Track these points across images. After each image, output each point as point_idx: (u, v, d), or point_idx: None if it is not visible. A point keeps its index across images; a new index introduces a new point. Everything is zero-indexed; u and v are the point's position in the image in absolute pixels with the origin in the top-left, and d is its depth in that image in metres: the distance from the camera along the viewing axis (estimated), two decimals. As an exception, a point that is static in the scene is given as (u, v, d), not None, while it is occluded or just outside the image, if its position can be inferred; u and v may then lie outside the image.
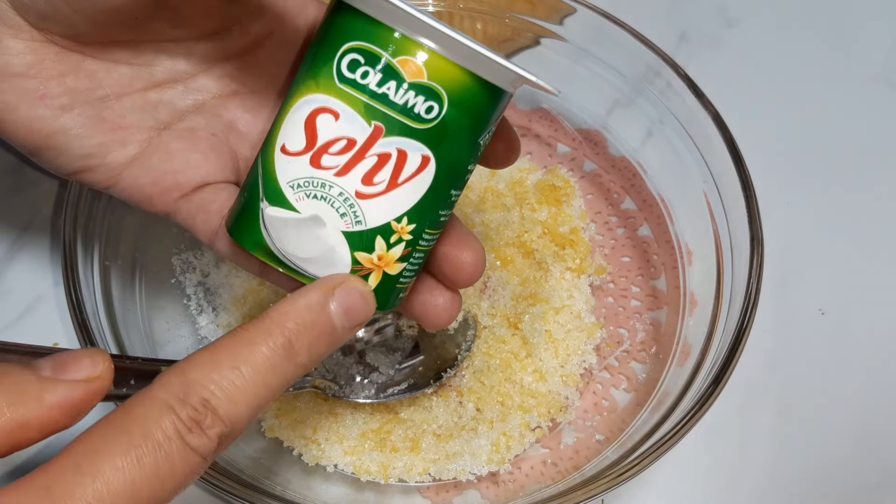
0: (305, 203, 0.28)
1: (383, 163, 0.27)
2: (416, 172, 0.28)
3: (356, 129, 0.27)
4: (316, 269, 0.29)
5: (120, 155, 0.31)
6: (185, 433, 0.24)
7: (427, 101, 0.27)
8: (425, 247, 0.30)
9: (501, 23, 0.50)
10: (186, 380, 0.25)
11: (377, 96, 0.27)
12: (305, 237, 0.28)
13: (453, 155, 0.28)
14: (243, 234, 0.30)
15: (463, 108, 0.27)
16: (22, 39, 0.28)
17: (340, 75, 0.27)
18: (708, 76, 0.47)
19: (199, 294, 0.48)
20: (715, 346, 0.41)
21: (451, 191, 0.29)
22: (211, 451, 0.24)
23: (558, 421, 0.46)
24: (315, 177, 0.28)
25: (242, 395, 0.25)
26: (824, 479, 0.46)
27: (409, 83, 0.26)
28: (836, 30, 0.61)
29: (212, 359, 0.25)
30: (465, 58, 0.26)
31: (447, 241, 0.33)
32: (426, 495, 0.44)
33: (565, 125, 0.52)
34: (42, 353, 0.32)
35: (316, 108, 0.27)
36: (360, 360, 0.45)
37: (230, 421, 0.25)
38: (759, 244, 0.41)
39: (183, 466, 0.24)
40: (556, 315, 0.47)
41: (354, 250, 0.28)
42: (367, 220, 0.28)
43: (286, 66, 0.33)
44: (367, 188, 0.27)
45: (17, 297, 0.49)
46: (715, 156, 0.44)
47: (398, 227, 0.28)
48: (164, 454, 0.23)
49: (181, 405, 0.24)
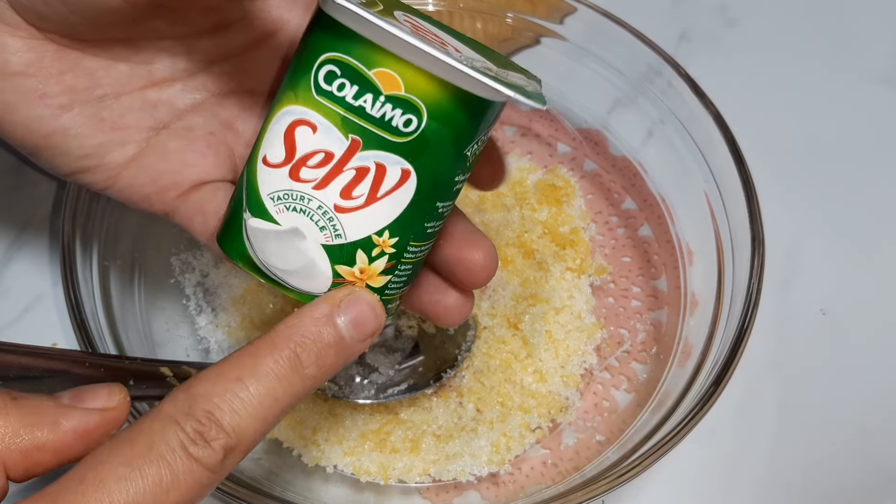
0: (285, 216, 0.28)
1: (361, 176, 0.27)
2: (396, 186, 0.27)
3: (333, 142, 0.27)
4: (297, 281, 0.29)
5: (118, 155, 0.31)
6: (189, 445, 0.24)
7: (405, 114, 0.26)
8: (412, 259, 0.29)
9: (502, 22, 0.50)
10: (191, 394, 0.25)
11: (354, 109, 0.26)
12: (286, 249, 0.28)
13: (436, 168, 0.27)
14: (229, 244, 0.30)
15: (444, 121, 0.26)
16: (20, 38, 0.28)
17: (318, 87, 0.26)
18: (709, 76, 0.47)
19: (198, 294, 0.48)
20: (716, 346, 0.41)
21: (436, 203, 0.28)
22: (215, 462, 0.24)
23: (559, 421, 0.46)
24: (294, 189, 0.27)
25: (246, 406, 0.25)
26: (825, 480, 0.46)
27: (385, 96, 0.26)
28: (837, 29, 0.61)
29: (217, 374, 0.25)
30: (442, 69, 0.25)
31: (457, 243, 0.33)
32: (426, 496, 0.44)
33: (566, 125, 0.52)
34: (41, 353, 0.32)
35: (294, 119, 0.27)
36: (359, 361, 0.45)
37: (235, 433, 0.25)
38: (761, 244, 0.41)
39: (187, 477, 0.24)
40: (557, 315, 0.47)
41: (335, 263, 0.28)
42: (346, 234, 0.28)
43: (286, 66, 0.33)
44: (346, 202, 0.27)
45: (16, 297, 0.49)
46: (716, 155, 0.44)
47: (379, 240, 0.28)
48: (167, 465, 0.24)
49: (186, 418, 0.24)
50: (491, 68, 0.27)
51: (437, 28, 0.29)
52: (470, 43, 0.30)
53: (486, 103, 0.27)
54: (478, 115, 0.27)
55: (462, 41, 0.29)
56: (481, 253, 0.33)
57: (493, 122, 0.28)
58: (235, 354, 0.26)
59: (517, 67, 0.30)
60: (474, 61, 0.27)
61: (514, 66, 0.30)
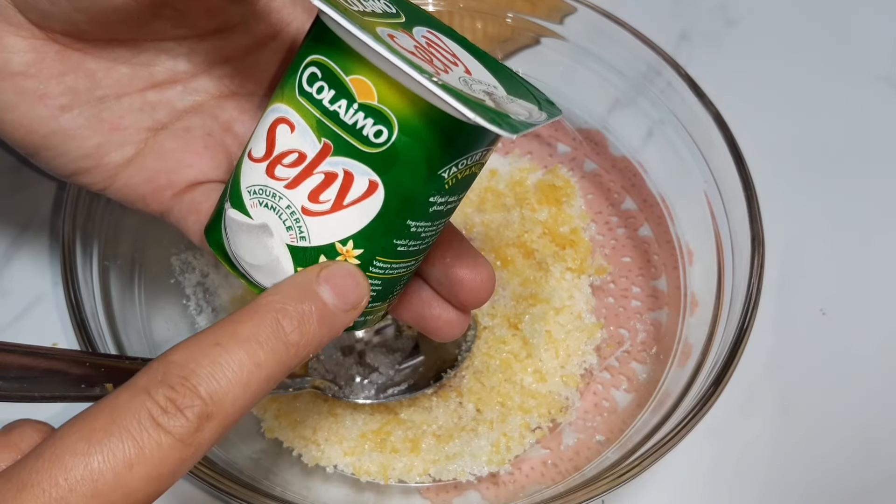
0: (258, 210, 0.28)
1: (329, 182, 0.26)
2: (362, 197, 0.26)
3: (307, 144, 0.26)
4: (261, 277, 0.29)
5: (117, 156, 0.31)
6: (159, 415, 0.23)
7: (376, 125, 0.25)
8: (382, 275, 0.29)
9: (502, 22, 0.50)
10: (167, 361, 0.24)
11: (329, 113, 0.26)
12: (254, 243, 0.28)
13: (406, 185, 0.26)
14: (210, 231, 0.30)
15: (415, 137, 0.25)
16: (23, 37, 0.28)
17: (300, 87, 0.26)
18: (709, 76, 0.47)
19: (198, 294, 0.48)
20: (716, 346, 0.41)
21: (407, 221, 0.27)
22: (188, 432, 0.23)
23: (559, 421, 0.46)
24: (268, 185, 0.27)
25: (225, 371, 0.24)
26: (825, 480, 0.46)
27: (359, 104, 0.25)
28: (838, 29, 0.61)
29: (195, 340, 0.24)
30: (412, 83, 0.24)
31: (457, 264, 0.33)
32: (426, 496, 0.44)
33: (566, 125, 0.52)
34: (41, 353, 0.32)
35: (278, 117, 0.27)
36: (359, 361, 0.45)
37: (212, 399, 0.23)
38: (760, 244, 0.41)
39: (155, 451, 0.22)
40: (557, 315, 0.47)
41: (298, 265, 0.28)
42: (310, 238, 0.27)
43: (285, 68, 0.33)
44: (313, 205, 0.27)
45: (16, 297, 0.49)
46: (716, 155, 0.44)
47: (343, 249, 0.27)
48: (131, 437, 0.22)
49: (158, 386, 0.23)
50: (492, 93, 0.26)
51: (463, 47, 0.29)
52: (491, 65, 0.29)
53: (460, 125, 0.25)
54: (453, 136, 0.26)
55: (484, 62, 0.29)
56: (480, 275, 0.33)
57: (480, 149, 0.27)
58: (215, 324, 0.25)
59: (532, 96, 0.29)
60: (473, 83, 0.26)
61: (529, 94, 0.29)
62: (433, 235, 0.29)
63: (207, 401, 0.23)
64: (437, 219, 0.28)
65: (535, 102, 0.28)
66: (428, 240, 0.29)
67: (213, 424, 0.24)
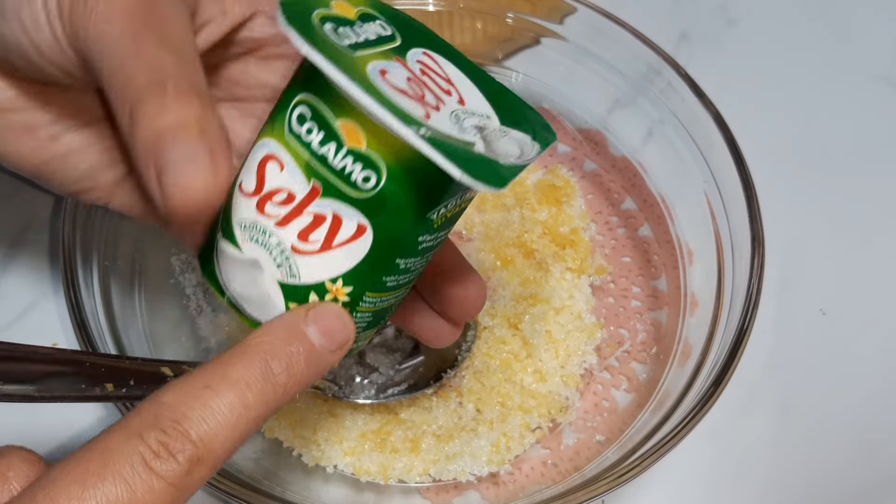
0: (249, 245, 0.28)
1: (318, 223, 0.26)
2: (351, 239, 0.26)
3: (297, 184, 0.26)
4: (253, 310, 0.29)
5: (111, 175, 0.31)
6: (151, 459, 0.23)
7: (364, 170, 0.25)
8: (372, 308, 0.29)
9: (502, 22, 0.50)
10: (158, 402, 0.24)
11: (317, 156, 0.26)
12: (246, 278, 0.28)
13: (395, 228, 0.26)
14: (204, 260, 0.30)
15: (403, 184, 0.25)
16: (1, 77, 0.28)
17: (290, 126, 0.26)
18: (709, 76, 0.47)
19: (198, 294, 0.48)
20: (716, 346, 0.41)
21: (396, 260, 0.27)
22: (179, 476, 0.23)
23: (559, 422, 0.46)
24: (259, 222, 0.27)
25: (216, 414, 0.24)
26: (825, 480, 0.46)
27: (348, 149, 0.25)
28: (838, 29, 0.61)
29: (185, 383, 0.25)
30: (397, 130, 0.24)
31: (450, 281, 0.33)
32: (426, 496, 0.44)
33: (566, 125, 0.52)
34: (41, 353, 0.32)
35: (267, 153, 0.27)
36: (359, 361, 0.45)
37: (203, 442, 0.24)
38: (760, 244, 0.41)
39: (146, 496, 0.23)
40: (557, 315, 0.47)
41: (289, 301, 0.28)
42: (300, 276, 0.27)
43: (276, 75, 0.33)
44: (303, 244, 0.27)
45: (17, 297, 0.49)
46: (716, 155, 0.44)
47: (333, 287, 0.27)
48: (124, 482, 0.22)
49: (150, 429, 0.23)
50: (484, 126, 0.26)
51: (459, 67, 0.28)
52: (487, 85, 0.29)
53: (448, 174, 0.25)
54: (442, 183, 0.25)
55: (480, 83, 0.28)
56: (470, 292, 0.34)
57: (469, 191, 0.27)
58: (205, 365, 0.25)
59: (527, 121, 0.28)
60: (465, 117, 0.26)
61: (524, 118, 0.29)
62: (423, 265, 0.29)
63: (198, 444, 0.24)
64: (426, 253, 0.29)
65: (530, 130, 0.28)
66: (417, 270, 0.29)
67: (203, 467, 0.24)
